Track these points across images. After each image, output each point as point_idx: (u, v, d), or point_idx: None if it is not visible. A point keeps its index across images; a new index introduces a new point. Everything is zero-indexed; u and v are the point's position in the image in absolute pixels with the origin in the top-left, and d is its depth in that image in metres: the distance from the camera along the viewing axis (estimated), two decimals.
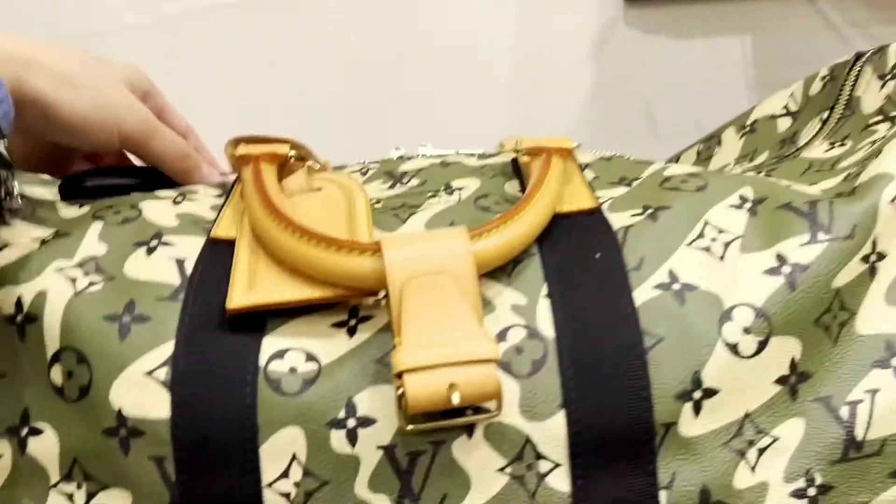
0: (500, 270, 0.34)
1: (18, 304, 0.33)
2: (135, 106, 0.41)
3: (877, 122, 0.42)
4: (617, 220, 0.36)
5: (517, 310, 0.33)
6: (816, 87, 0.49)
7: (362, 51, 0.70)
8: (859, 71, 0.45)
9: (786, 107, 0.52)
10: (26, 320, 0.33)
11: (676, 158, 0.61)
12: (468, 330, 0.30)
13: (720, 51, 0.69)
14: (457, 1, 0.70)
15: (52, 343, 0.32)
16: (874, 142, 0.40)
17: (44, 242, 0.35)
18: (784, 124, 0.51)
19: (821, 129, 0.47)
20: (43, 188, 0.48)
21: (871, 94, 0.44)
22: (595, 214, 0.36)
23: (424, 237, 0.32)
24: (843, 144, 0.43)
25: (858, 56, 0.46)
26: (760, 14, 0.68)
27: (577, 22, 0.69)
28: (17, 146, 0.42)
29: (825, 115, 0.47)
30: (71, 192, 0.40)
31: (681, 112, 0.70)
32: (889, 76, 0.43)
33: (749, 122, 0.55)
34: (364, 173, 0.44)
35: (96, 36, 0.70)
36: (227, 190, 0.42)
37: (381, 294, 0.33)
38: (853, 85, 0.46)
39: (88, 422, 0.32)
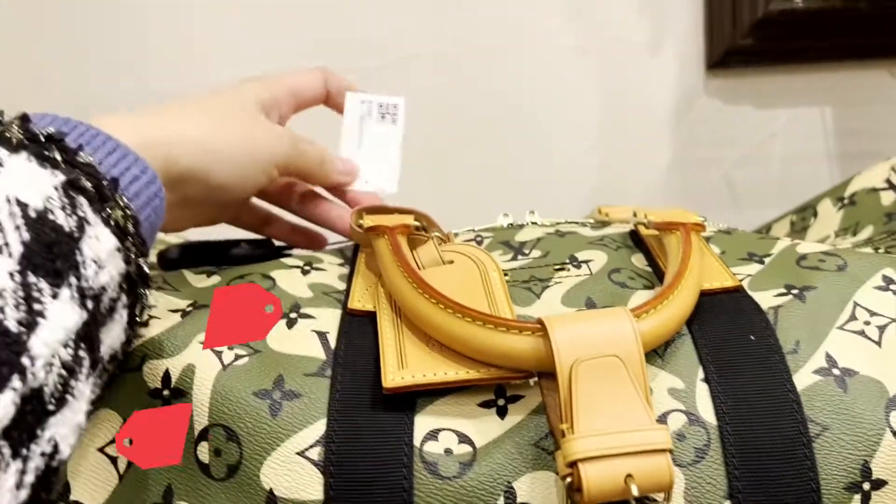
0: (653, 352, 0.33)
1: (166, 378, 0.32)
2: (278, 133, 0.41)
3: None
4: (761, 299, 0.36)
5: (675, 394, 0.32)
6: None
7: (448, 112, 0.71)
8: None
9: (888, 180, 0.52)
10: (173, 395, 0.32)
11: (767, 228, 0.60)
12: (641, 417, 0.29)
13: (800, 121, 0.69)
14: (540, 70, 0.70)
15: (201, 419, 0.32)
16: None
17: (185, 314, 0.34)
18: (888, 198, 0.51)
19: None
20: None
21: None
22: (739, 292, 0.36)
23: (587, 316, 0.31)
24: None
25: None
26: (841, 85, 0.68)
27: (658, 90, 0.69)
28: (187, 220, 0.41)
29: None
30: (211, 260, 0.40)
31: (761, 181, 0.70)
32: None
33: (847, 193, 0.54)
34: (479, 242, 0.44)
35: None
36: (348, 259, 0.41)
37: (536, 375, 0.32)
38: None
39: (236, 502, 0.31)
